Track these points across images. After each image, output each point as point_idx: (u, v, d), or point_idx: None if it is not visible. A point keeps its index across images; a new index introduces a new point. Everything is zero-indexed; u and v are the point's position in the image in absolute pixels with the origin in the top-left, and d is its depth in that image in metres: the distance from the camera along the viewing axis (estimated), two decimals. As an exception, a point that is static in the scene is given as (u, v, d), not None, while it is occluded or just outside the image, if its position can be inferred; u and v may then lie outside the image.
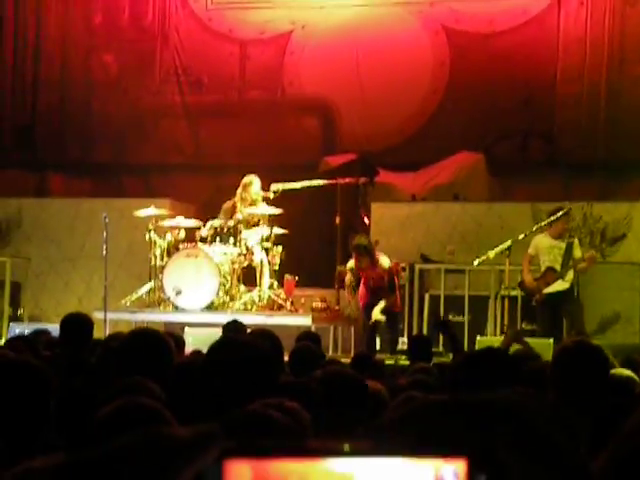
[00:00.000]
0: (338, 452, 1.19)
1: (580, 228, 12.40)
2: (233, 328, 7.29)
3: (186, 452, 1.29)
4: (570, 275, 10.99)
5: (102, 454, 1.32)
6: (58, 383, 3.31)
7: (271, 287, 12.24)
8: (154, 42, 15.69)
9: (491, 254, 11.08)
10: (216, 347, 3.68)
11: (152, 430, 1.34)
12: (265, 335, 6.06)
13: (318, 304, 12.63)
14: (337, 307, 12.68)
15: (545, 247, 11.07)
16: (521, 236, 11.14)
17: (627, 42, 13.96)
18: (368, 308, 11.60)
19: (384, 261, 11.50)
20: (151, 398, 2.38)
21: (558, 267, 11.00)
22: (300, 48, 15.16)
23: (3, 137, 16.16)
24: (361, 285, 11.66)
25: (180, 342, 6.50)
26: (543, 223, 11.31)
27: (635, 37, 13.92)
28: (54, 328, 6.60)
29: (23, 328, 10.66)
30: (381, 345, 11.76)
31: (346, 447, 1.19)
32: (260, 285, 12.17)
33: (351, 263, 11.69)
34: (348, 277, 11.78)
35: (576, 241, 11.22)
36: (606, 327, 11.47)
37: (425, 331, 12.09)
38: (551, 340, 9.83)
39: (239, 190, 12.46)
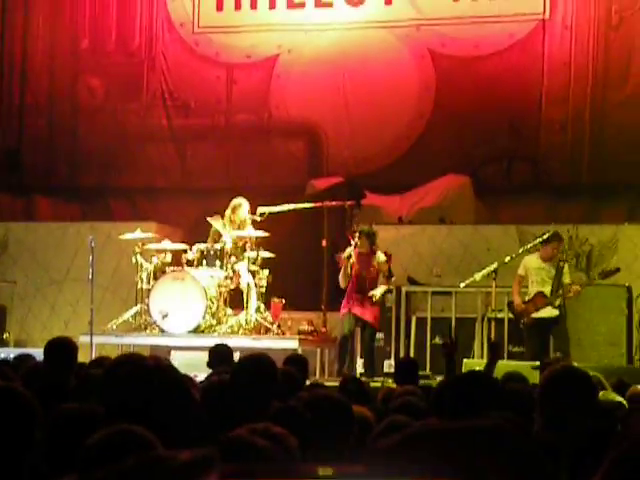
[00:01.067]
0: (334, 476, 1.19)
1: (566, 251, 12.44)
2: (220, 352, 7.28)
3: (185, 475, 1.29)
4: (559, 301, 11.01)
5: (105, 477, 1.33)
6: (42, 409, 3.30)
7: (258, 310, 12.22)
8: (141, 66, 15.73)
9: (477, 276, 11.12)
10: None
11: (152, 454, 1.34)
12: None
13: (305, 327, 12.62)
14: (324, 330, 12.67)
15: (534, 268, 11.09)
16: (507, 258, 11.18)
17: (611, 66, 14.06)
18: (347, 317, 11.49)
19: (380, 255, 11.51)
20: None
21: (545, 289, 11.02)
22: (286, 72, 15.22)
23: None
24: (348, 289, 11.55)
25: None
26: (529, 245, 11.35)
27: (619, 61, 14.02)
28: (40, 352, 6.58)
29: (8, 352, 10.61)
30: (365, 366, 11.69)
31: (337, 471, 1.20)
32: (247, 308, 12.15)
33: (349, 250, 11.61)
34: (344, 263, 11.66)
35: (566, 266, 11.24)
36: (593, 349, 11.49)
37: (412, 354, 12.08)
38: (537, 363, 9.84)
39: (227, 212, 12.47)
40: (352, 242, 11.67)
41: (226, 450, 1.84)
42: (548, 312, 10.96)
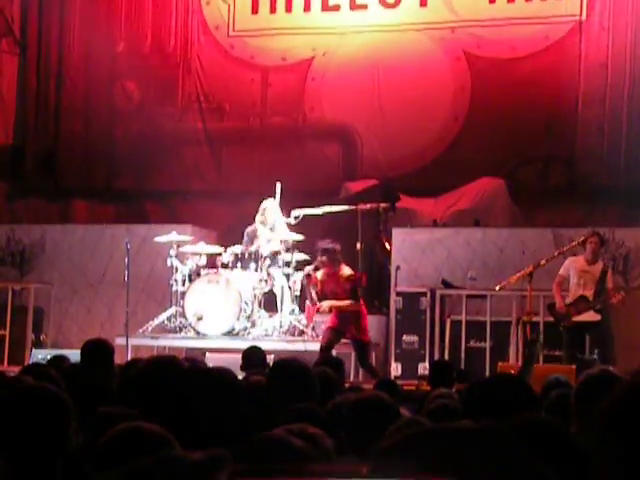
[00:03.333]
0: (339, 474, 1.19)
1: (602, 253, 12.35)
2: (252, 354, 7.30)
3: (198, 475, 1.30)
4: (601, 305, 10.89)
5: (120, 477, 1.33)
6: (79, 409, 3.32)
7: (292, 313, 12.24)
8: (176, 69, 15.80)
9: (512, 279, 11.05)
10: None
11: (165, 454, 1.35)
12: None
13: (339, 330, 12.58)
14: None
15: (578, 270, 10.98)
16: (543, 261, 11.11)
17: (648, 67, 13.96)
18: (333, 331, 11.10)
19: (345, 270, 11.15)
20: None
21: (587, 292, 10.90)
22: (321, 74, 15.23)
23: (26, 164, 16.28)
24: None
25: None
26: (565, 248, 11.27)
27: (656, 62, 13.91)
28: (76, 354, 6.62)
29: (45, 354, 10.69)
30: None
31: (346, 469, 1.20)
32: (281, 311, 12.17)
33: (309, 269, 11.22)
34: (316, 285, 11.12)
35: (610, 271, 11.13)
36: (633, 354, 11.38)
37: (447, 356, 12.04)
38: (574, 367, 9.77)
39: (258, 215, 12.51)
40: (386, 247, 11.56)
41: (262, 450, 1.85)
42: (590, 316, 10.85)
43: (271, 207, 12.47)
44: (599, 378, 3.96)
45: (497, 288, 11.31)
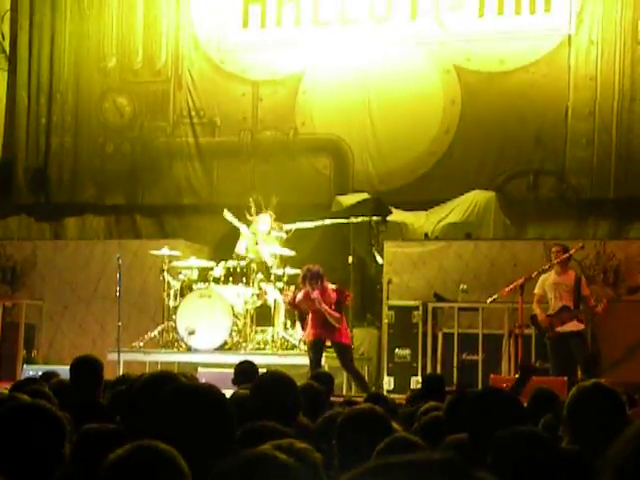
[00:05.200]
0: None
1: (593, 266, 12.39)
2: (245, 369, 7.29)
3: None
4: (584, 315, 10.94)
5: None
6: (70, 426, 3.33)
7: (285, 327, 12.24)
8: (167, 84, 15.83)
9: (504, 292, 11.07)
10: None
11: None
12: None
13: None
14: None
15: (550, 284, 11.04)
16: (534, 274, 11.13)
17: (637, 80, 14.02)
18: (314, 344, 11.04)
19: (329, 285, 11.09)
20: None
21: (567, 303, 10.94)
22: (312, 88, 15.27)
23: (17, 179, 16.27)
24: (310, 321, 10.85)
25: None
26: (557, 260, 11.31)
27: (645, 75, 13.96)
28: (68, 370, 6.61)
29: (37, 370, 10.67)
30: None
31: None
32: (273, 325, 12.17)
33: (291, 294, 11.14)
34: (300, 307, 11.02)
35: (583, 278, 11.19)
36: (620, 365, 11.41)
37: (439, 370, 12.05)
38: (565, 378, 9.80)
39: (250, 228, 12.53)
40: (378, 261, 11.56)
41: (249, 466, 1.85)
42: (573, 326, 10.90)
43: (255, 221, 12.48)
44: (592, 390, 3.97)
45: (489, 301, 11.33)
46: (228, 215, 12.54)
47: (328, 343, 10.97)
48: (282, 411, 3.96)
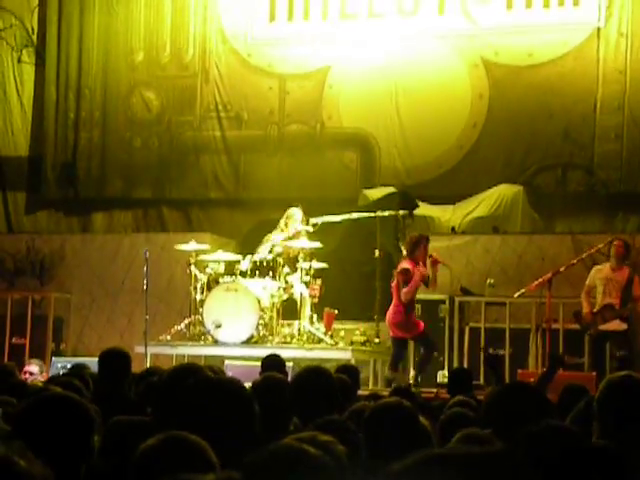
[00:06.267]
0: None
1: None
2: (272, 362, 7.31)
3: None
4: (628, 314, 10.80)
5: None
6: (98, 418, 3.35)
7: (311, 320, 12.24)
8: (195, 78, 15.85)
9: (532, 286, 11.02)
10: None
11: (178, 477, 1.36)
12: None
13: (358, 337, 12.62)
14: (377, 340, 12.65)
15: (601, 278, 10.91)
16: (562, 268, 11.08)
17: (667, 73, 13.90)
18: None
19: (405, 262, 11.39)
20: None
21: (613, 300, 10.80)
22: (339, 82, 15.25)
23: (46, 173, 16.36)
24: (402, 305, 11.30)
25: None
26: (584, 255, 11.24)
27: (675, 68, 13.86)
28: (96, 362, 6.65)
29: (65, 363, 10.73)
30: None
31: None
32: (300, 319, 12.18)
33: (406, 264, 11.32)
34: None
35: (636, 279, 11.04)
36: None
37: (466, 364, 12.01)
38: (594, 374, 9.75)
39: (281, 222, 12.54)
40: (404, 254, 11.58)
41: (276, 459, 1.85)
42: (616, 325, 10.78)
43: (295, 215, 12.48)
44: (622, 383, 3.94)
45: (516, 295, 11.28)
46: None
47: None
48: (322, 408, 3.98)
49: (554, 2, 14.33)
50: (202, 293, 12.32)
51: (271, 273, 12.25)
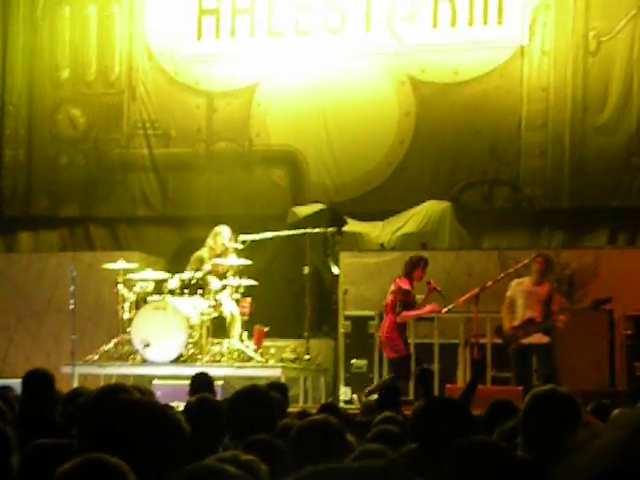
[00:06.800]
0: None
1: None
2: (200, 381, 7.26)
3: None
4: (549, 327, 10.94)
5: None
6: (21, 440, 3.29)
7: (241, 338, 12.20)
8: (121, 96, 15.74)
9: (459, 301, 11.11)
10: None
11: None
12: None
13: (288, 355, 12.61)
14: (307, 357, 12.65)
15: (522, 291, 11.04)
16: (489, 283, 11.19)
17: (590, 91, 14.16)
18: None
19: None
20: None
21: (534, 314, 10.93)
22: (267, 99, 15.26)
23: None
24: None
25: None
26: (510, 270, 11.36)
27: (597, 86, 14.12)
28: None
29: (-10, 384, 10.52)
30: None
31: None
32: (229, 337, 12.13)
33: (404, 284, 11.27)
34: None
35: (556, 293, 11.21)
36: (576, 373, 11.48)
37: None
38: (520, 388, 9.84)
39: (208, 240, 12.49)
40: (334, 271, 11.58)
41: (194, 479, 1.83)
42: (538, 338, 10.91)
43: (223, 233, 12.44)
44: (546, 397, 3.99)
45: (444, 310, 11.36)
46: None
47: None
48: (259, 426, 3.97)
49: (479, 20, 14.52)
50: (130, 312, 12.21)
51: (200, 291, 12.19)
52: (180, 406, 6.26)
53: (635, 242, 13.90)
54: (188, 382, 7.78)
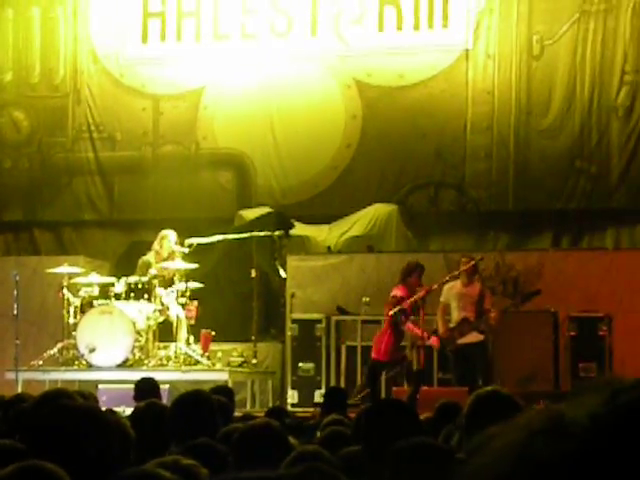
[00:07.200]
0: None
1: (493, 277, 12.57)
2: (145, 385, 7.22)
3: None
4: (484, 326, 11.08)
5: None
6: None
7: (187, 342, 12.15)
8: (66, 99, 15.61)
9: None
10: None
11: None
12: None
13: (235, 358, 12.58)
14: (254, 361, 12.64)
15: (455, 294, 11.17)
16: (435, 286, 11.25)
17: (533, 94, 14.30)
18: None
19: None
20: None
21: (469, 314, 11.09)
22: (213, 103, 15.22)
23: None
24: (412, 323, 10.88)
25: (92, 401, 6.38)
26: (456, 272, 11.45)
27: (541, 89, 14.26)
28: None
29: None
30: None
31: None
32: (176, 341, 12.07)
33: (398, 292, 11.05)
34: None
35: (487, 291, 11.36)
36: (520, 375, 11.59)
37: (343, 383, 12.07)
38: (466, 388, 9.90)
39: (155, 244, 12.42)
40: (281, 274, 11.56)
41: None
42: (473, 337, 11.04)
43: (169, 236, 12.38)
44: (489, 397, 4.02)
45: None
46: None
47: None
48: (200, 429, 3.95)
49: (424, 24, 14.60)
50: (76, 317, 12.11)
51: (146, 295, 12.12)
52: (126, 411, 6.23)
53: (579, 244, 14.07)
54: (134, 387, 7.73)
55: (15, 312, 11.81)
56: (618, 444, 0.73)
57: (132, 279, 12.19)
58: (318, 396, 11.83)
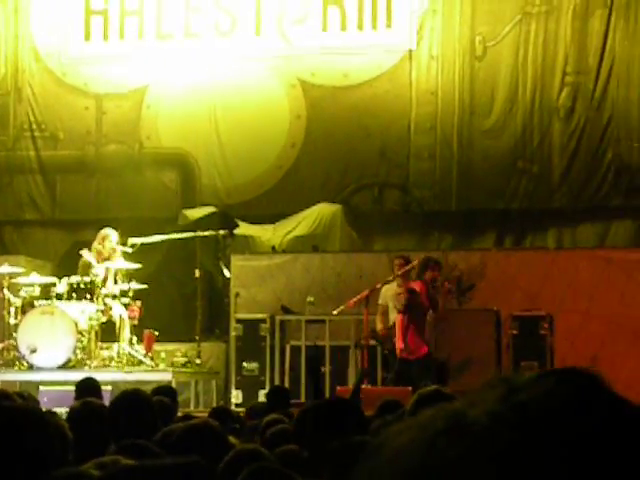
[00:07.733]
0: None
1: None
2: (86, 386, 7.15)
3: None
4: None
5: None
6: None
7: (130, 343, 12.07)
8: (7, 97, 15.43)
9: (350, 303, 11.19)
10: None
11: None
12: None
13: (179, 359, 12.52)
14: (198, 361, 12.59)
15: (392, 295, 11.22)
16: (378, 285, 11.30)
17: (476, 95, 14.41)
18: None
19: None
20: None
21: None
22: (157, 102, 15.14)
23: None
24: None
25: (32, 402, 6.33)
26: (400, 272, 11.49)
27: (484, 90, 14.38)
28: None
29: None
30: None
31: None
32: (119, 341, 11.99)
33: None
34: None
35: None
36: (462, 373, 11.66)
37: (287, 382, 12.07)
38: (409, 388, 9.94)
39: (95, 244, 12.32)
40: (225, 274, 11.53)
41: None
42: None
43: (110, 236, 12.29)
44: (431, 396, 4.07)
45: (335, 312, 11.43)
46: (85, 253, 12.24)
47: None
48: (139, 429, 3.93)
49: (368, 25, 14.65)
50: (16, 317, 11.98)
51: (89, 295, 12.02)
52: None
53: (521, 244, 14.20)
54: (75, 387, 7.66)
55: (-46, 313, 11.65)
56: (515, 442, 0.74)
57: (74, 279, 12.08)
58: (262, 396, 11.81)
